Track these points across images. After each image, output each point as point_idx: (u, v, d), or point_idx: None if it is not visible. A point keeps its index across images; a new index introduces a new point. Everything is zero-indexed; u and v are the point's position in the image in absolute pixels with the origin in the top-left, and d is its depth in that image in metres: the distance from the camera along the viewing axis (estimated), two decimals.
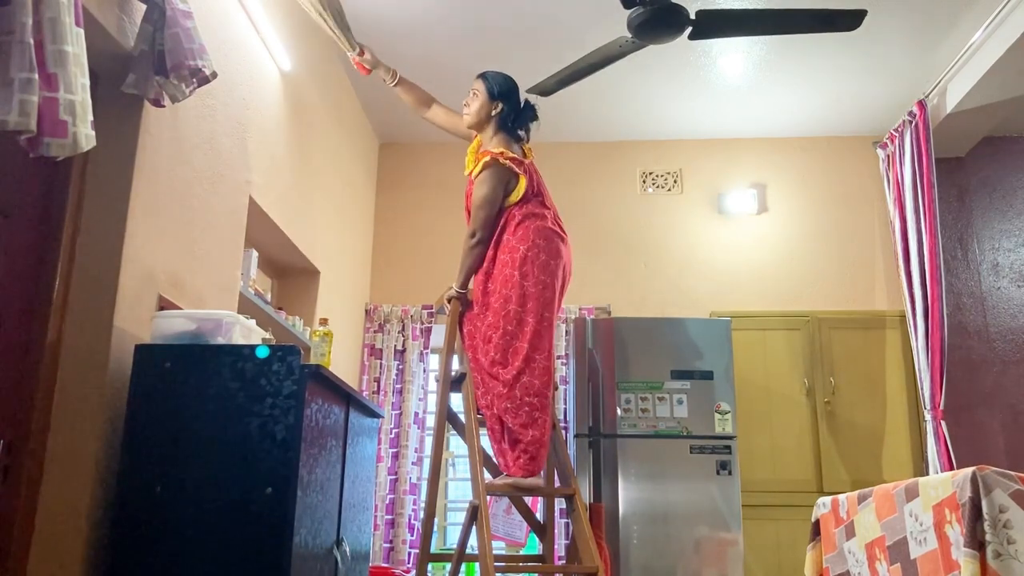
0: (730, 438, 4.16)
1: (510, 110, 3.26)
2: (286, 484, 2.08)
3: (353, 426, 2.69)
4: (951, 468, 4.27)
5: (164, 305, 2.51)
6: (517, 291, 3.01)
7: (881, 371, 4.83)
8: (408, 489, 4.74)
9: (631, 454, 4.11)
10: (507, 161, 3.10)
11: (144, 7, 2.31)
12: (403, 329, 5.08)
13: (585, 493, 4.07)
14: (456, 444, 5.05)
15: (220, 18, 2.98)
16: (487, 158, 3.12)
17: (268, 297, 3.75)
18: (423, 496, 4.73)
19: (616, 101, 5.02)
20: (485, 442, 3.12)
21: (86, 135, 1.80)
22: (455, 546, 3.25)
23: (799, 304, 5.12)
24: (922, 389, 4.50)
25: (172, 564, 2.05)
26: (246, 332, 2.39)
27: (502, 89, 3.27)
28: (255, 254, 3.52)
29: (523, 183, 3.11)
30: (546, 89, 3.72)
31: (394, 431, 4.87)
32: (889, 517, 2.31)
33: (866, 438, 4.71)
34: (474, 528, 2.92)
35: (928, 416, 4.43)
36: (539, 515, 3.63)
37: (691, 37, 3.27)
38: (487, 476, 3.14)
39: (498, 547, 4.30)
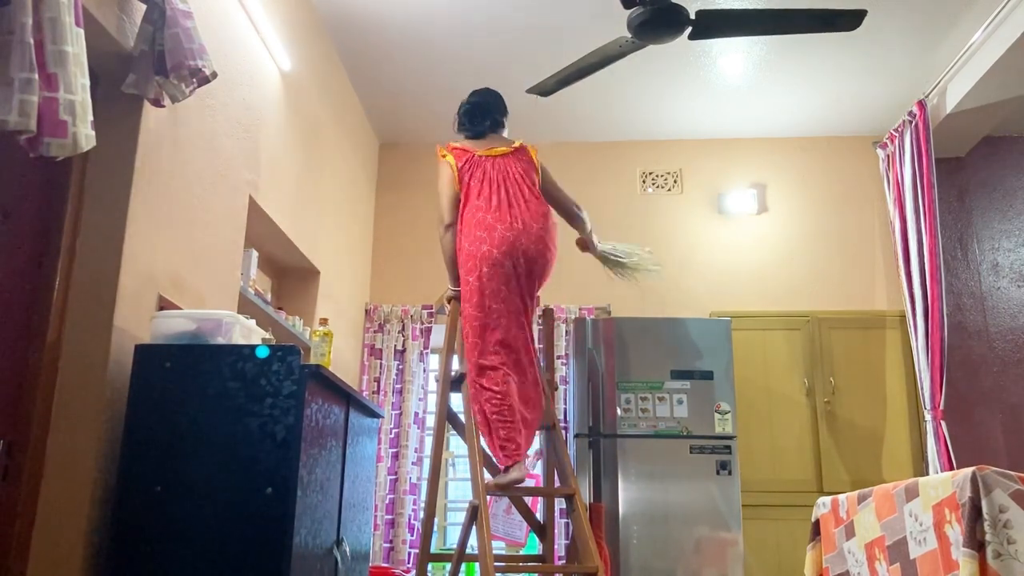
0: (730, 438, 4.16)
1: (460, 120, 3.46)
2: (286, 484, 2.08)
3: (353, 426, 2.69)
4: (951, 468, 4.27)
5: (164, 305, 2.51)
6: (466, 288, 3.11)
7: (881, 371, 4.83)
8: (408, 489, 4.74)
9: (631, 454, 4.11)
10: (444, 150, 3.30)
11: (144, 7, 2.31)
12: (403, 329, 5.08)
13: (585, 493, 4.07)
14: (456, 444, 5.05)
15: (220, 18, 2.98)
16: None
17: (268, 297, 3.75)
18: (423, 496, 4.73)
19: (616, 101, 5.02)
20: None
21: (86, 135, 1.80)
22: (455, 546, 3.25)
23: (799, 304, 5.12)
24: (922, 389, 4.50)
25: (172, 564, 2.05)
26: (246, 332, 2.39)
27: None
28: (255, 254, 3.52)
29: (453, 167, 3.24)
30: (546, 89, 3.71)
31: (394, 431, 4.87)
32: (889, 517, 2.31)
33: (866, 438, 4.71)
34: (474, 528, 2.92)
35: (928, 416, 4.43)
36: (539, 515, 3.63)
37: (691, 37, 3.27)
38: (487, 476, 3.14)
39: (498, 547, 4.30)
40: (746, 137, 5.45)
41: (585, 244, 3.63)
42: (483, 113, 3.36)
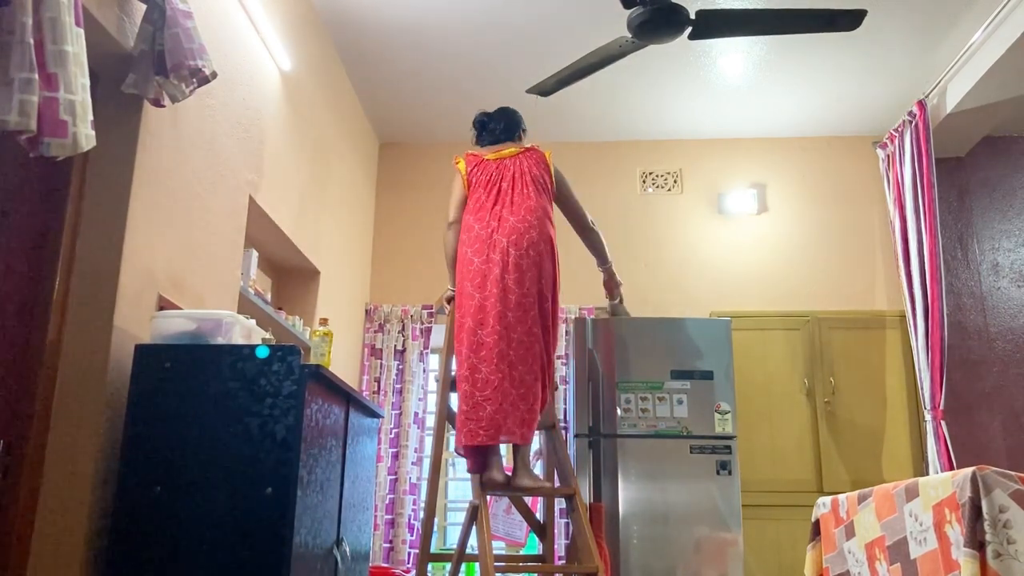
0: (730, 438, 4.15)
1: (476, 131, 3.51)
2: (286, 484, 2.08)
3: (353, 426, 2.69)
4: (951, 468, 4.27)
5: (164, 305, 2.51)
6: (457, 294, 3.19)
7: (881, 371, 4.83)
8: (408, 489, 4.74)
9: (631, 454, 4.11)
10: (459, 157, 3.36)
11: (144, 7, 2.31)
12: (403, 329, 5.08)
13: (585, 493, 4.07)
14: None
15: (220, 18, 2.98)
16: None
17: (268, 297, 3.75)
18: (423, 496, 4.73)
19: (616, 101, 5.02)
20: None
21: (86, 135, 1.80)
22: (455, 546, 3.25)
23: (799, 304, 5.12)
24: (922, 389, 4.50)
25: (172, 564, 2.05)
26: (246, 332, 2.39)
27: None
28: (255, 254, 3.52)
29: (462, 172, 3.31)
30: (546, 89, 3.71)
31: (394, 431, 4.87)
32: (889, 517, 2.31)
33: (866, 438, 4.71)
34: (474, 528, 2.92)
35: (928, 416, 4.43)
36: (539, 515, 3.63)
37: (691, 37, 3.27)
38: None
39: (498, 547, 4.30)
40: (746, 137, 5.45)
41: (610, 288, 3.67)
42: (495, 121, 3.41)
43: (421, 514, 4.10)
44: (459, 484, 5.20)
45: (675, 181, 5.41)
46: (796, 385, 4.81)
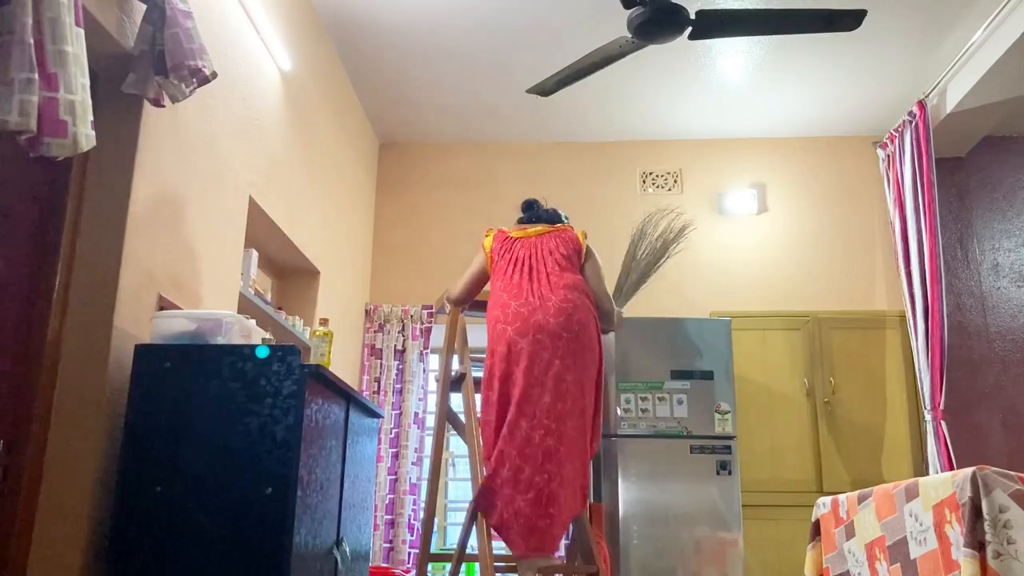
0: (730, 438, 4.16)
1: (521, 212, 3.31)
2: (286, 484, 2.08)
3: (353, 426, 2.69)
4: (951, 468, 4.27)
5: (164, 305, 2.51)
6: (484, 372, 2.98)
7: (881, 371, 4.83)
8: (408, 489, 4.74)
9: (631, 454, 4.11)
10: (487, 234, 3.19)
11: (144, 7, 2.31)
12: (403, 329, 5.08)
13: None
14: (456, 444, 5.04)
15: (220, 18, 2.98)
16: None
17: (268, 297, 3.75)
18: (423, 496, 4.74)
19: (616, 101, 5.02)
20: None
21: (86, 135, 1.80)
22: (455, 546, 3.25)
23: (799, 304, 5.12)
24: (922, 389, 4.50)
25: (172, 564, 2.05)
26: (246, 332, 2.39)
27: None
28: (255, 254, 3.52)
29: (487, 250, 3.14)
30: (546, 89, 3.71)
31: (394, 431, 4.87)
32: (889, 517, 2.31)
33: (866, 438, 4.71)
34: (474, 528, 2.92)
35: (928, 416, 4.43)
36: None
37: (691, 37, 3.27)
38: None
39: (498, 547, 4.29)
40: (746, 137, 5.45)
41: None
42: (543, 209, 3.23)
43: (421, 514, 4.10)
44: (459, 484, 5.20)
45: (675, 181, 5.41)
46: (796, 385, 4.81)
